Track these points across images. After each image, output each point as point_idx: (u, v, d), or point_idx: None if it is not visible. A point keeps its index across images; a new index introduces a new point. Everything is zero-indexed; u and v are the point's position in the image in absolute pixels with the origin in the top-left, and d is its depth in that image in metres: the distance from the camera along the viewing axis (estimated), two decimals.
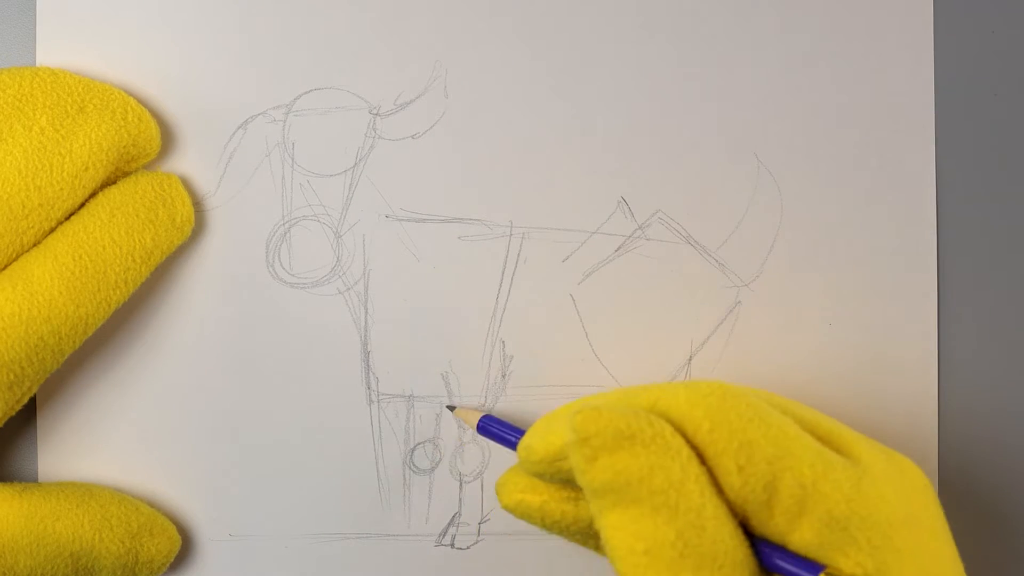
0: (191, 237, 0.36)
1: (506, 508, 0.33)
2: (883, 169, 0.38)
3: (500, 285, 0.37)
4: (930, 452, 0.38)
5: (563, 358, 0.37)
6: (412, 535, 0.37)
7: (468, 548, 0.37)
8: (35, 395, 0.35)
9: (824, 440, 0.31)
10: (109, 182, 0.34)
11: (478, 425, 0.35)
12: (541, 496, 0.32)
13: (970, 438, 0.38)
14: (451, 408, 0.37)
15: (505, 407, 0.37)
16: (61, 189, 0.33)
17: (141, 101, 0.35)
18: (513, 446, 0.34)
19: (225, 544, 0.37)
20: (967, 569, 0.36)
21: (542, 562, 0.37)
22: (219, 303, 0.36)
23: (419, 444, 0.37)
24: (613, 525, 0.28)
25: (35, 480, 0.36)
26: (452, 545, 0.37)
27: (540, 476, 0.31)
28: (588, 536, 0.33)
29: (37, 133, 0.32)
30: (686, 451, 0.28)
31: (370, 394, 0.37)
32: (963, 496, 0.38)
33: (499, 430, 0.35)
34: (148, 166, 0.35)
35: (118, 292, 0.33)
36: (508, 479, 0.33)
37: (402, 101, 0.37)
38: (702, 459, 0.29)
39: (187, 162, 0.36)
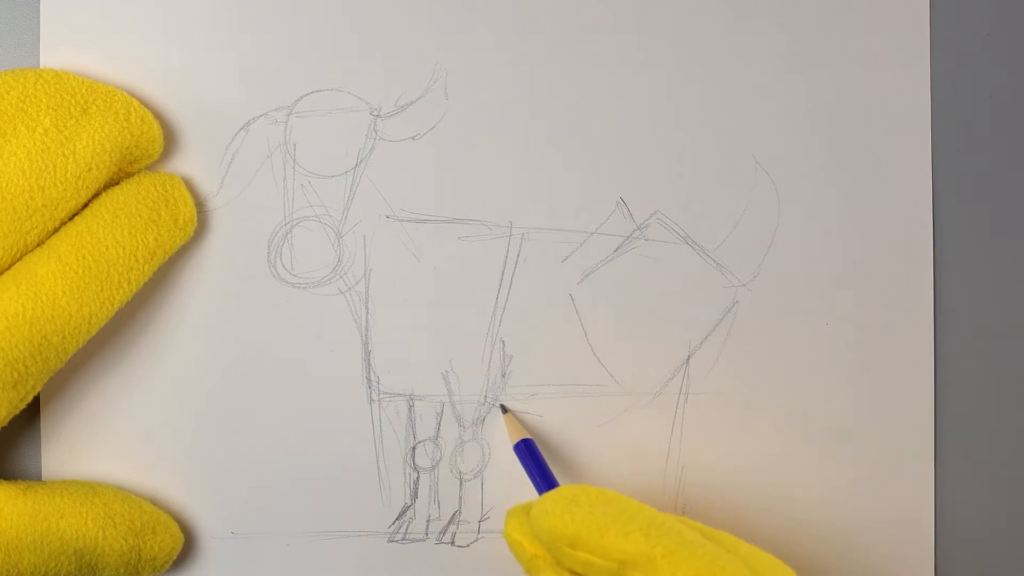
0: (193, 237, 0.36)
1: (504, 535, 0.34)
2: (879, 170, 0.38)
3: (500, 285, 0.37)
4: (926, 451, 0.38)
5: (562, 357, 0.37)
6: (412, 533, 0.37)
7: (468, 546, 0.38)
8: (39, 394, 0.36)
9: None
10: (112, 183, 0.34)
11: (515, 445, 0.36)
12: (535, 549, 0.33)
13: (966, 437, 0.39)
14: (504, 409, 0.37)
15: (505, 406, 0.37)
16: (65, 190, 0.33)
17: (144, 102, 0.35)
18: (537, 484, 0.35)
19: (227, 542, 0.37)
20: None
21: None
22: (221, 303, 0.36)
23: (419, 443, 0.37)
24: None
25: (39, 478, 0.36)
26: (452, 543, 0.37)
27: (542, 543, 0.32)
28: None
29: (41, 134, 0.32)
30: None
31: (371, 393, 0.37)
32: (960, 495, 0.38)
33: (531, 462, 0.35)
34: (151, 167, 0.36)
35: (121, 292, 0.33)
36: (518, 513, 0.34)
37: (403, 103, 0.37)
38: None
39: (189, 163, 0.36)
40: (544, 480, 0.35)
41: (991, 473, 0.39)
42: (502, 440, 0.37)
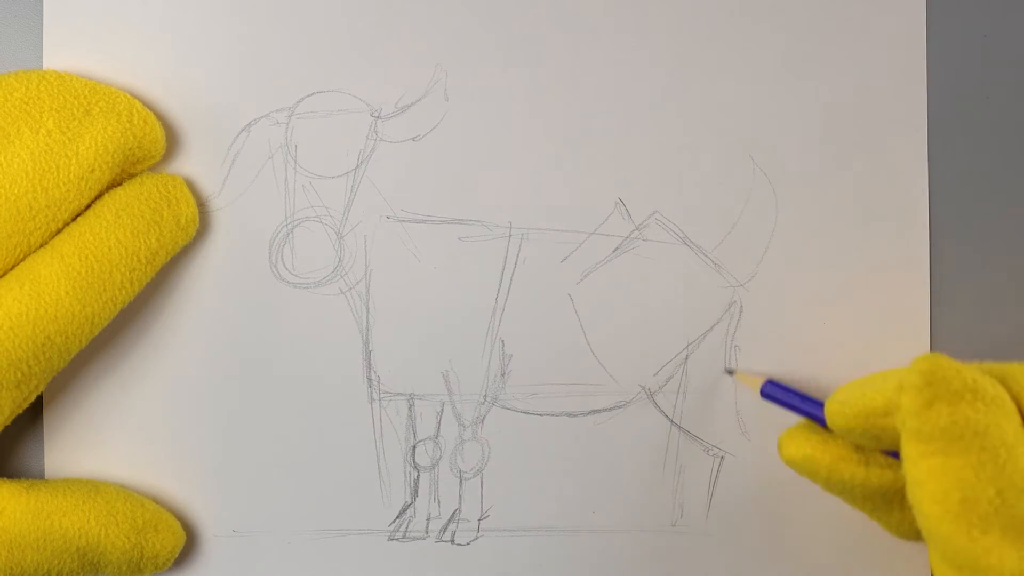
0: (195, 238, 0.36)
1: (788, 460, 0.35)
2: (876, 171, 0.38)
3: (500, 285, 0.37)
4: None
5: (561, 357, 0.38)
6: (413, 531, 0.38)
7: (468, 544, 0.38)
8: (42, 393, 0.36)
9: None
10: (115, 184, 0.35)
11: (762, 390, 0.36)
12: (832, 455, 0.34)
13: None
14: (730, 372, 0.38)
15: (505, 405, 0.38)
16: (67, 191, 0.33)
17: (146, 104, 0.35)
18: (800, 411, 0.35)
19: (229, 540, 0.37)
20: None
21: (540, 558, 0.38)
22: (223, 303, 0.37)
23: (420, 441, 0.37)
24: (934, 470, 0.29)
25: (42, 477, 0.36)
26: (452, 541, 0.38)
27: (846, 433, 0.32)
28: (867, 499, 0.34)
29: (44, 135, 0.33)
30: (1019, 418, 0.29)
31: (371, 392, 0.37)
32: None
33: (785, 396, 0.36)
34: (153, 168, 0.36)
35: (124, 292, 0.34)
36: (796, 434, 0.35)
37: (403, 104, 0.37)
38: None
39: (191, 164, 0.36)
40: (807, 400, 0.35)
41: None
42: (502, 439, 0.38)
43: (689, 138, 0.38)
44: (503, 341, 0.37)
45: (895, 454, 0.34)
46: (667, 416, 0.38)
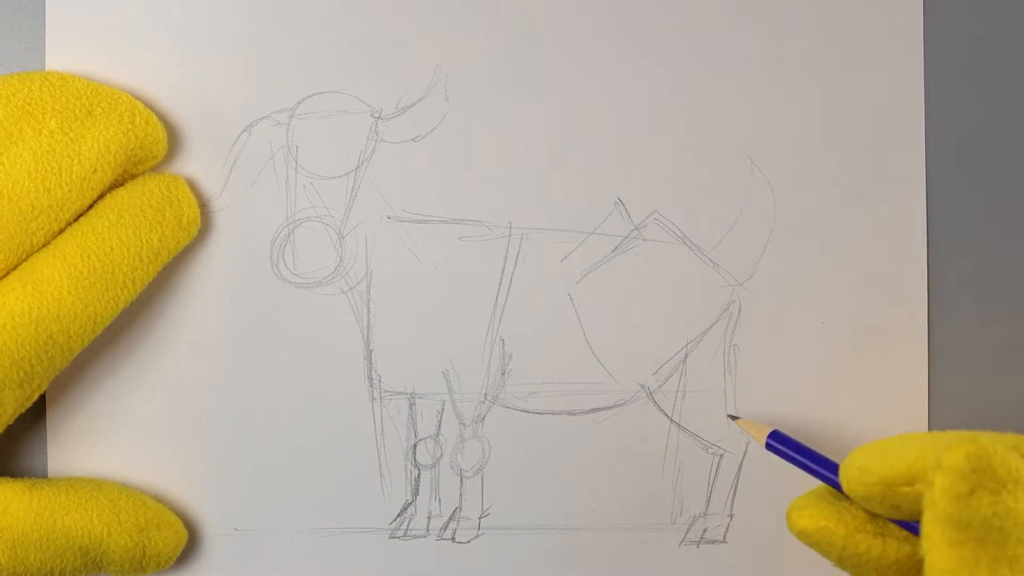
0: (197, 238, 0.36)
1: (800, 531, 0.33)
2: (874, 171, 0.38)
3: (500, 284, 0.38)
4: None
5: (561, 356, 0.38)
6: (414, 529, 0.38)
7: (469, 542, 0.38)
8: (45, 392, 0.36)
9: None
10: (117, 184, 0.35)
11: (767, 442, 0.35)
12: (847, 526, 0.32)
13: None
14: (733, 417, 0.37)
15: (505, 404, 0.38)
16: (70, 191, 0.33)
17: (148, 105, 0.35)
18: (805, 467, 0.33)
19: (230, 538, 0.37)
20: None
21: (541, 556, 0.38)
22: (224, 303, 0.37)
23: (421, 440, 0.38)
24: (966, 560, 0.27)
25: (45, 475, 0.36)
26: (453, 539, 0.38)
27: (865, 500, 0.31)
28: (879, 573, 0.32)
29: (46, 136, 0.33)
30: None
31: (372, 391, 0.37)
32: None
33: (792, 450, 0.34)
34: (155, 168, 0.36)
35: (126, 291, 0.34)
36: (808, 503, 0.33)
37: (404, 104, 0.37)
38: None
39: (193, 164, 0.37)
40: (815, 457, 0.33)
41: None
42: (502, 437, 0.38)
43: (688, 138, 0.38)
44: (503, 340, 0.38)
45: (906, 523, 0.32)
46: (667, 415, 0.38)
